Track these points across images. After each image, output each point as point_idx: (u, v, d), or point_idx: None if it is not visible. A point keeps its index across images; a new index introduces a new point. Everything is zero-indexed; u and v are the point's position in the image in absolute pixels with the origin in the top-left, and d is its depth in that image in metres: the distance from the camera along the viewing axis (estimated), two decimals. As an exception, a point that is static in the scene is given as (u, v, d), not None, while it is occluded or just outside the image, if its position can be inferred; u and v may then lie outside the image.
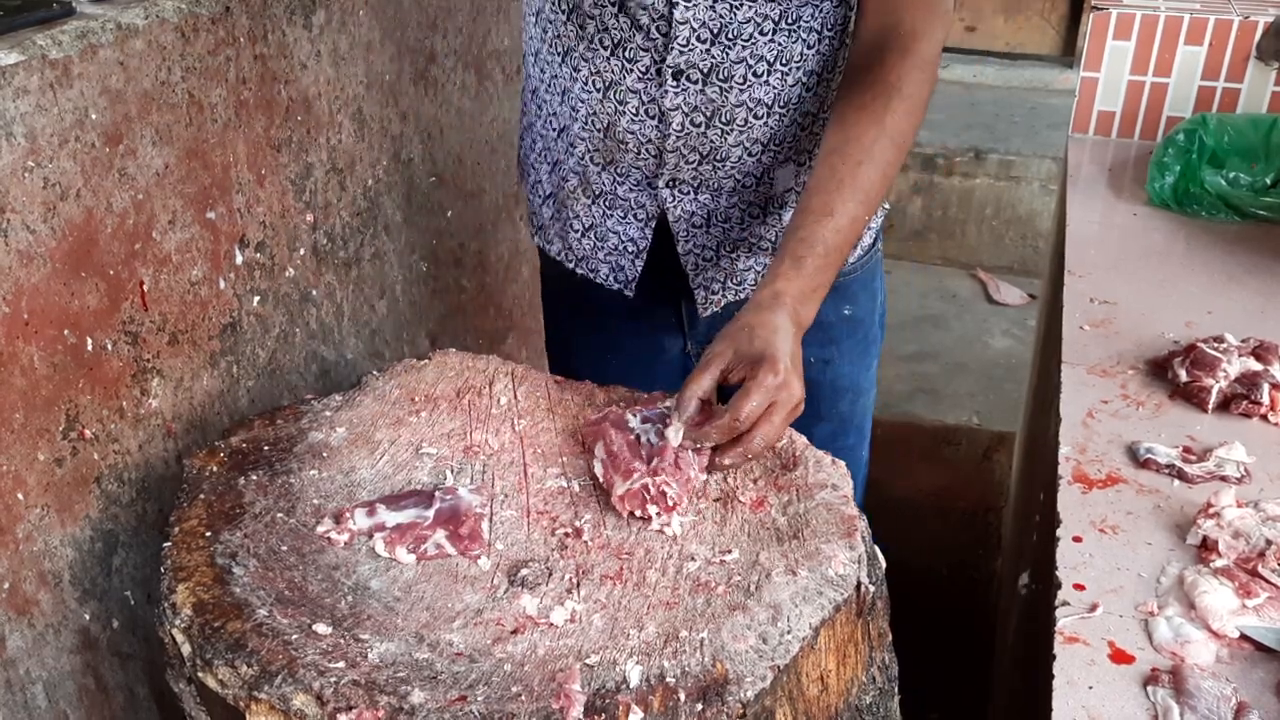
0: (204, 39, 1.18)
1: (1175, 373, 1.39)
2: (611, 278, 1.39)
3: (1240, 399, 1.34)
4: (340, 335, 1.54)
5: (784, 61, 1.23)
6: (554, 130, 1.36)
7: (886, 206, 1.45)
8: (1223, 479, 1.22)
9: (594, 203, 1.35)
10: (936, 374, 3.33)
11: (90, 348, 1.11)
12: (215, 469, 1.09)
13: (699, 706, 0.82)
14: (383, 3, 1.51)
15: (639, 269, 1.37)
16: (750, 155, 1.28)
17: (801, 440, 1.13)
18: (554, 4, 1.27)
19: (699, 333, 1.44)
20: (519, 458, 1.12)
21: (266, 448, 1.13)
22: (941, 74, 1.39)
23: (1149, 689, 0.96)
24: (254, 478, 1.08)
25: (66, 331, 1.07)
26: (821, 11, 1.22)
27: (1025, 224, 4.05)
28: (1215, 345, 1.40)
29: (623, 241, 1.36)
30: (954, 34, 4.71)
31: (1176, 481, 1.23)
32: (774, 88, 1.24)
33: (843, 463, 1.09)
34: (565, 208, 1.39)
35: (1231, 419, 1.33)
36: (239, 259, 1.30)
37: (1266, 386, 1.34)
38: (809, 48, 1.24)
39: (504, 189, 1.96)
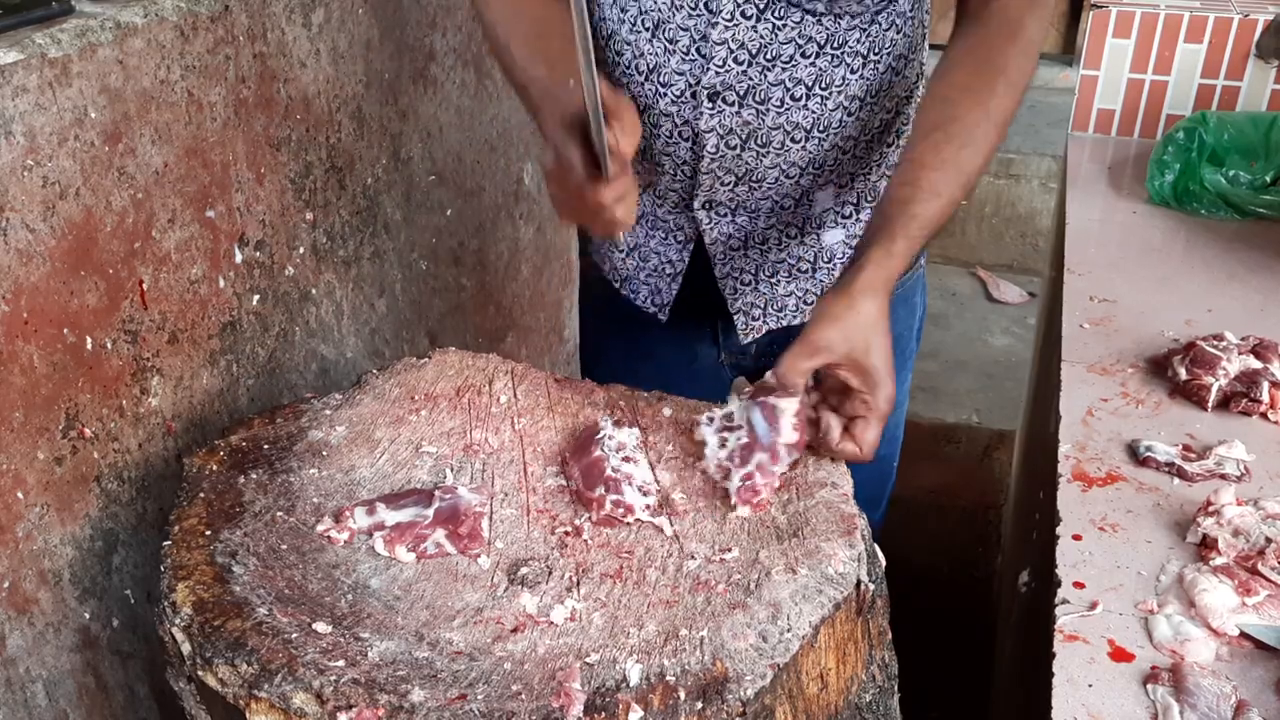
0: (203, 37, 1.18)
1: (1175, 371, 1.39)
2: (649, 300, 1.39)
3: (1240, 397, 1.34)
4: (340, 334, 1.54)
5: (824, 85, 1.20)
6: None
7: None
8: (1222, 477, 1.22)
9: (636, 224, 1.34)
10: (936, 372, 3.33)
11: (90, 347, 1.11)
12: (215, 468, 1.09)
13: (699, 705, 0.82)
14: (382, 1, 1.51)
15: (674, 292, 1.36)
16: (788, 178, 1.26)
17: (801, 439, 1.13)
18: (594, 32, 1.25)
19: (734, 345, 1.44)
20: (519, 456, 1.12)
21: (266, 446, 1.13)
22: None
23: (1149, 687, 0.96)
24: (254, 476, 1.08)
25: (66, 330, 1.07)
26: (870, 36, 1.19)
27: (1025, 222, 4.05)
28: (1215, 343, 1.40)
29: (662, 263, 1.36)
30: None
31: (1176, 479, 1.23)
32: (813, 112, 1.21)
33: (842, 462, 1.09)
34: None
35: (1231, 417, 1.34)
36: (238, 258, 1.30)
37: (1266, 384, 1.34)
38: (852, 72, 1.21)
39: (504, 187, 1.96)
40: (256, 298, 1.35)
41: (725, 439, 1.05)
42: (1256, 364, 1.37)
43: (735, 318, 1.36)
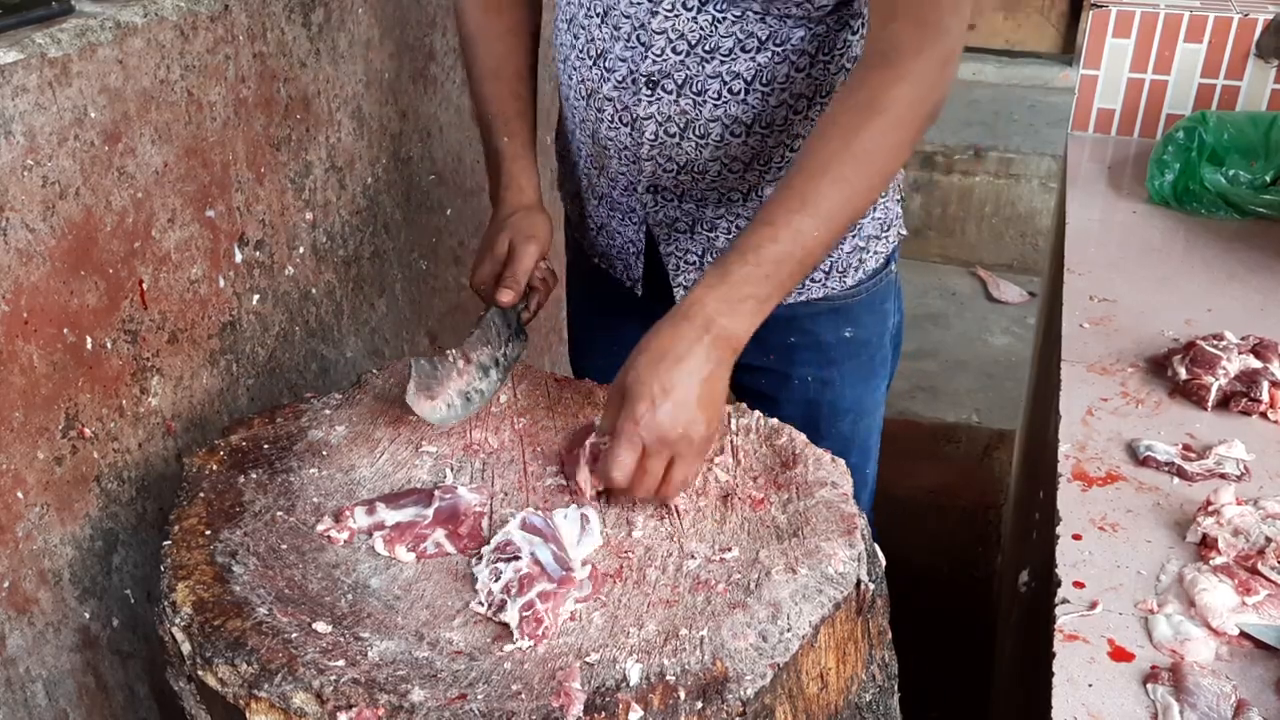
0: (203, 37, 1.18)
1: (1175, 370, 1.39)
2: (624, 275, 1.41)
3: (1240, 396, 1.34)
4: (340, 333, 1.54)
5: (764, 82, 1.19)
6: (570, 132, 1.38)
7: (903, 233, 1.42)
8: (1222, 477, 1.22)
9: (599, 203, 1.37)
10: (936, 372, 3.33)
11: (90, 346, 1.11)
12: (215, 467, 1.09)
13: (699, 704, 0.82)
14: (381, 1, 1.51)
15: (641, 269, 1.38)
16: (732, 172, 1.26)
17: (801, 438, 1.13)
18: (561, 15, 1.29)
19: None
20: (519, 456, 1.12)
21: (266, 446, 1.13)
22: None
23: (1149, 687, 0.96)
24: (254, 476, 1.08)
25: (66, 330, 1.07)
26: (817, 35, 1.18)
27: (1025, 222, 4.05)
28: (1215, 343, 1.40)
29: (624, 241, 1.38)
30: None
31: (1176, 479, 1.23)
32: (753, 107, 1.21)
33: (842, 461, 1.09)
34: (585, 206, 1.41)
35: (1231, 417, 1.33)
36: (238, 257, 1.30)
37: (1266, 384, 1.34)
38: (798, 70, 1.19)
39: (503, 187, 1.96)
40: (256, 297, 1.35)
41: (499, 570, 0.94)
42: (1256, 363, 1.37)
43: (675, 292, 1.37)
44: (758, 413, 1.17)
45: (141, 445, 1.20)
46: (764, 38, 1.17)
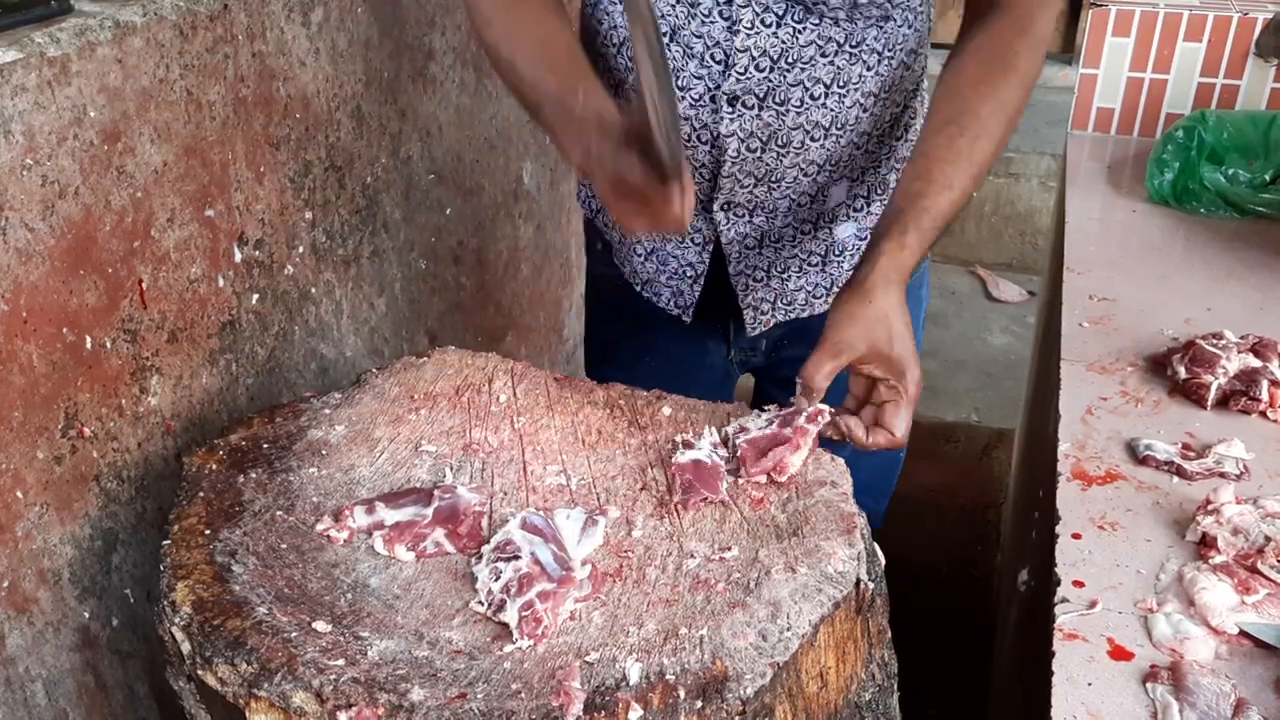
0: (202, 36, 1.18)
1: (1174, 369, 1.39)
2: (672, 302, 1.40)
3: (1239, 395, 1.34)
4: (339, 333, 1.54)
5: (841, 84, 1.21)
6: None
7: None
8: (1222, 475, 1.22)
9: None
10: (936, 371, 3.33)
11: (89, 346, 1.10)
12: (214, 467, 1.09)
13: (699, 704, 0.82)
14: (381, 0, 1.51)
15: (696, 294, 1.37)
16: (806, 176, 1.27)
17: (801, 437, 1.13)
18: (604, 39, 1.26)
19: (744, 341, 1.45)
20: (518, 455, 1.12)
21: (266, 445, 1.13)
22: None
23: (1148, 686, 0.96)
24: (253, 476, 1.08)
25: (65, 330, 1.07)
26: (885, 33, 1.21)
27: (1024, 221, 4.05)
28: (1214, 342, 1.40)
29: (681, 266, 1.36)
30: (951, 31, 4.70)
31: (1175, 478, 1.23)
32: (831, 110, 1.23)
33: (841, 460, 1.09)
34: (630, 232, 1.36)
35: (1230, 416, 1.33)
36: (238, 257, 1.30)
37: (1265, 383, 1.34)
38: (869, 69, 1.22)
39: (503, 186, 1.96)
40: (256, 297, 1.35)
41: (499, 570, 0.93)
42: (1256, 362, 1.37)
43: (745, 312, 1.37)
44: (757, 412, 1.17)
45: (141, 445, 1.20)
46: (841, 40, 1.19)
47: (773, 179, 1.26)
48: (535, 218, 2.09)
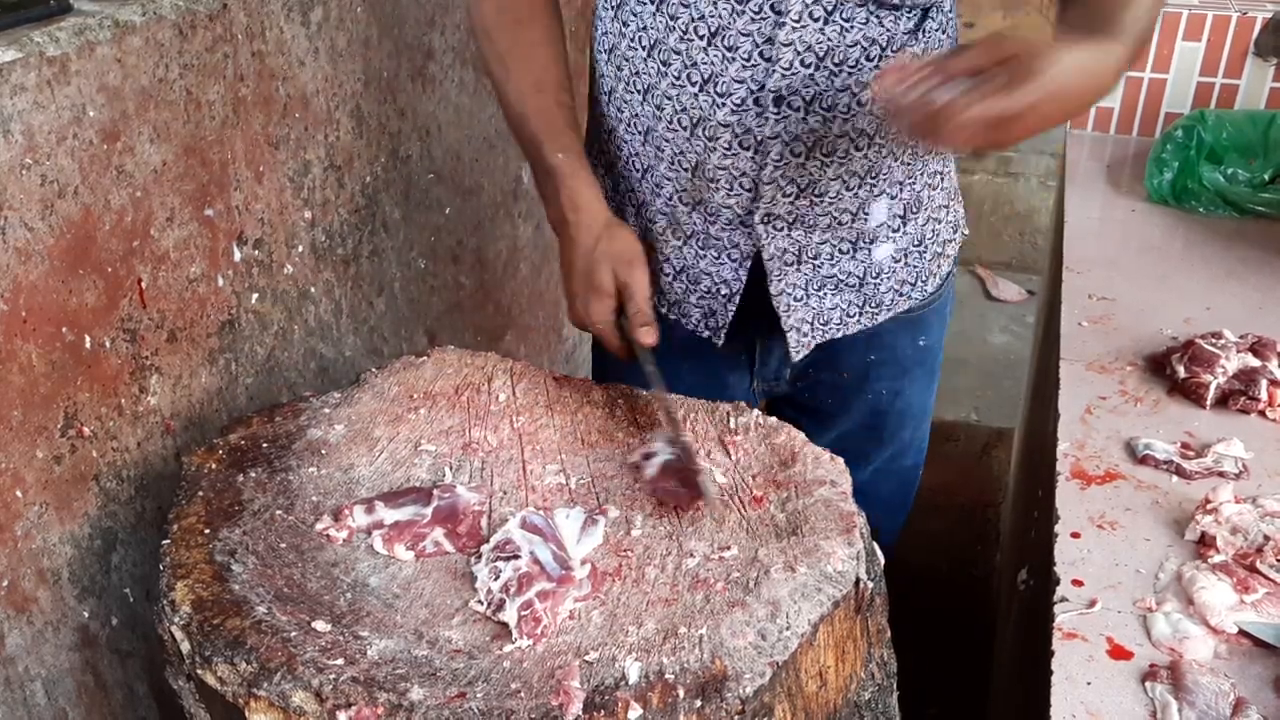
0: (201, 36, 1.18)
1: (1173, 369, 1.39)
2: (703, 324, 1.34)
3: (1238, 395, 1.34)
4: (339, 332, 1.54)
5: None
6: (637, 171, 1.30)
7: (966, 232, 1.43)
8: (1221, 475, 1.22)
9: (685, 244, 1.30)
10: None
11: (89, 345, 1.10)
12: (214, 466, 1.09)
13: (698, 703, 0.82)
14: (380, 0, 1.51)
15: (730, 314, 1.32)
16: (848, 189, 1.23)
17: (800, 437, 1.13)
18: (631, 41, 1.21)
19: (769, 371, 1.40)
20: (518, 455, 1.12)
21: (265, 445, 1.13)
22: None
23: (1147, 685, 0.96)
24: (253, 475, 1.08)
25: (65, 329, 1.07)
26: (922, 38, 1.18)
27: (1024, 220, 4.04)
28: (1213, 341, 1.40)
29: (715, 284, 1.31)
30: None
31: (1175, 477, 1.23)
32: (876, 117, 1.19)
33: (840, 460, 1.09)
34: (655, 250, 1.33)
35: (1230, 415, 1.34)
36: (237, 256, 1.30)
37: (1264, 382, 1.34)
38: None
39: (502, 186, 1.96)
40: (255, 296, 1.35)
41: (499, 569, 0.94)
42: (1255, 362, 1.37)
43: (789, 335, 1.31)
44: (756, 411, 1.17)
45: (140, 444, 1.20)
46: (884, 44, 1.16)
47: (815, 191, 1.22)
48: (535, 217, 2.09)
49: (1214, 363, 1.36)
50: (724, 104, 1.17)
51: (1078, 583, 1.09)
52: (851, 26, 1.14)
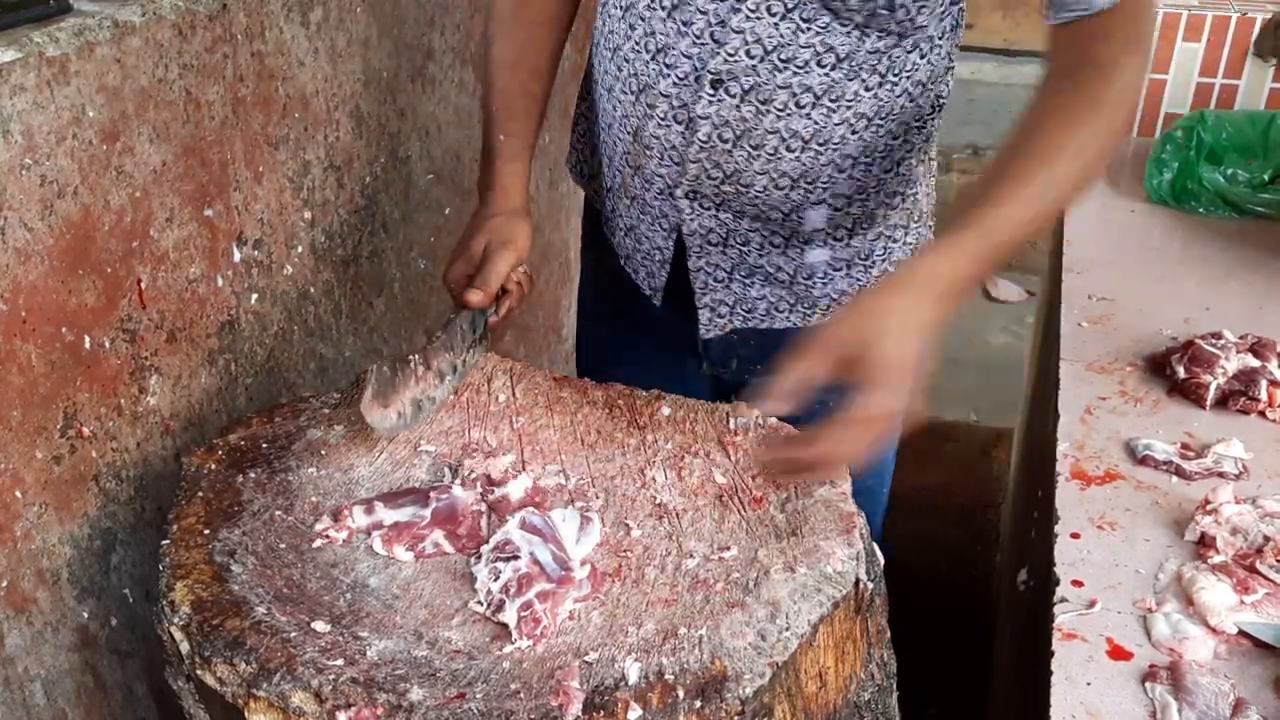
0: (201, 36, 1.18)
1: (1173, 369, 1.39)
2: (646, 284, 1.37)
3: (1238, 395, 1.34)
4: (338, 333, 1.54)
5: (833, 98, 1.17)
6: (604, 127, 1.34)
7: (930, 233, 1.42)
8: (1221, 475, 1.22)
9: (630, 204, 1.33)
10: (934, 370, 3.33)
11: (88, 346, 1.10)
12: (213, 466, 1.09)
13: (698, 703, 0.82)
14: (380, 0, 1.50)
15: (664, 278, 1.34)
16: (778, 189, 1.23)
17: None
18: (636, 44, 1.23)
19: (713, 353, 1.40)
20: (517, 455, 1.12)
21: (265, 445, 1.13)
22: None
23: (1147, 685, 0.96)
24: (252, 475, 1.08)
25: (64, 329, 1.07)
26: (891, 56, 1.16)
27: (1023, 220, 4.04)
28: (1213, 342, 1.40)
29: (651, 248, 1.34)
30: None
31: (1174, 478, 1.23)
32: (815, 122, 1.18)
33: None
34: (616, 204, 1.37)
35: (1229, 415, 1.33)
36: (237, 257, 1.30)
37: (1264, 383, 1.34)
38: (866, 89, 1.17)
39: (502, 186, 1.96)
40: (255, 297, 1.35)
41: (498, 570, 0.94)
42: (1255, 362, 1.37)
43: (700, 312, 1.33)
44: (756, 411, 1.16)
45: (140, 444, 1.20)
46: (842, 54, 1.14)
47: (741, 181, 1.22)
48: (534, 218, 2.08)
49: (1214, 363, 1.36)
50: (668, 75, 1.19)
51: (1078, 583, 1.09)
52: (809, 28, 1.13)
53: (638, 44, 1.21)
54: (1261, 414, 1.33)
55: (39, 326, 1.04)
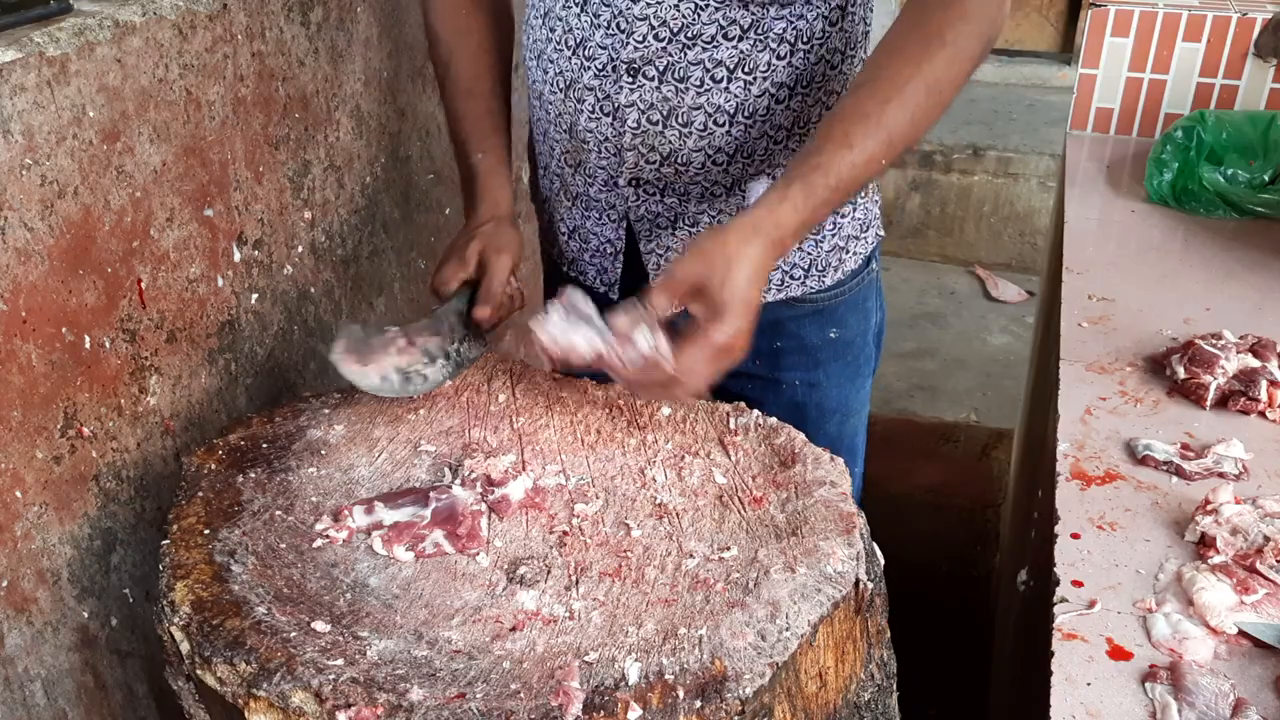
0: (201, 36, 1.18)
1: (1173, 369, 1.39)
2: (598, 280, 1.39)
3: (1238, 395, 1.34)
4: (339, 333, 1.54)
5: (747, 70, 1.20)
6: (540, 135, 1.37)
7: (881, 234, 1.43)
8: (1221, 475, 1.22)
9: (573, 205, 1.36)
10: (935, 371, 3.34)
11: (88, 345, 1.10)
12: (214, 466, 1.09)
13: (698, 703, 0.82)
14: (380, 0, 1.51)
15: (619, 270, 1.37)
16: (715, 164, 1.26)
17: (800, 437, 1.13)
18: (534, 11, 1.29)
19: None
20: (518, 455, 1.12)
21: (265, 445, 1.13)
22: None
23: (1147, 685, 0.96)
24: (252, 475, 1.08)
25: (65, 329, 1.07)
26: (796, 25, 1.20)
27: (1024, 221, 4.05)
28: (1213, 342, 1.40)
29: (602, 243, 1.36)
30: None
31: (1174, 478, 1.23)
32: (735, 95, 1.21)
33: (841, 460, 1.10)
34: (555, 211, 1.40)
35: (1229, 415, 1.34)
36: (237, 256, 1.30)
37: (1264, 383, 1.34)
38: (779, 59, 1.21)
39: (502, 186, 1.96)
40: (255, 296, 1.35)
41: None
42: (1255, 362, 1.37)
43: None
44: (756, 412, 1.17)
45: (140, 444, 1.20)
46: (746, 25, 1.18)
47: (679, 160, 1.25)
48: (533, 219, 2.09)
49: (1214, 363, 1.36)
50: (589, 68, 1.23)
51: (1078, 583, 1.09)
52: (707, 5, 1.17)
53: (559, 43, 1.25)
54: (1261, 414, 1.33)
55: (39, 326, 1.04)
